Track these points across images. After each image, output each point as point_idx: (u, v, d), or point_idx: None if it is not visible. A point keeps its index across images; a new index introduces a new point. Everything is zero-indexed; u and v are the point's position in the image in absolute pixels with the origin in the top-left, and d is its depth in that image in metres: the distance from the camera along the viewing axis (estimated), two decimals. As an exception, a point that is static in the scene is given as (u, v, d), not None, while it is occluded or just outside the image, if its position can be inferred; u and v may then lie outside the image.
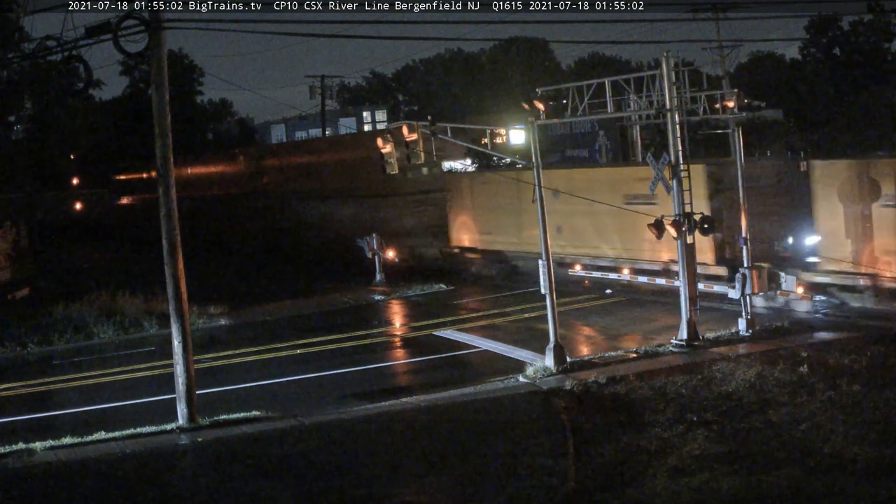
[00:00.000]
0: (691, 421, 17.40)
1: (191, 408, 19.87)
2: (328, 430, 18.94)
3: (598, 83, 25.26)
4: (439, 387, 21.67)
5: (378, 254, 37.32)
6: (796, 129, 54.12)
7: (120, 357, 27.79)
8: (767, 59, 77.00)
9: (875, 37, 57.89)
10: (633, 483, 14.96)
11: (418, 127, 24.33)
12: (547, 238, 22.94)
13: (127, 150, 74.50)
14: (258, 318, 32.65)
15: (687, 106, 25.22)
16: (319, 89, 67.73)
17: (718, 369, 20.54)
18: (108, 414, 21.47)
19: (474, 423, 18.68)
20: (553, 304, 22.54)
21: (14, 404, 23.38)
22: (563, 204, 29.36)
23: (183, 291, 20.17)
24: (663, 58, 23.52)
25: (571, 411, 18.98)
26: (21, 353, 29.16)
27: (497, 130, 27.38)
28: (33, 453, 18.47)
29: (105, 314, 31.81)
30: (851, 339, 22.50)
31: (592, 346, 24.85)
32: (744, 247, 24.20)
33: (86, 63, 20.52)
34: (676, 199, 23.22)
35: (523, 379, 21.76)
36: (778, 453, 15.54)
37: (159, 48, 19.66)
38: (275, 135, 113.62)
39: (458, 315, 30.52)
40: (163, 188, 20.03)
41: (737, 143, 24.99)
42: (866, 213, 24.71)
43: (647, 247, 29.02)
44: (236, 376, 24.45)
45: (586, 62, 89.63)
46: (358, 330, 29.22)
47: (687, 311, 23.32)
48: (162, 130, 19.96)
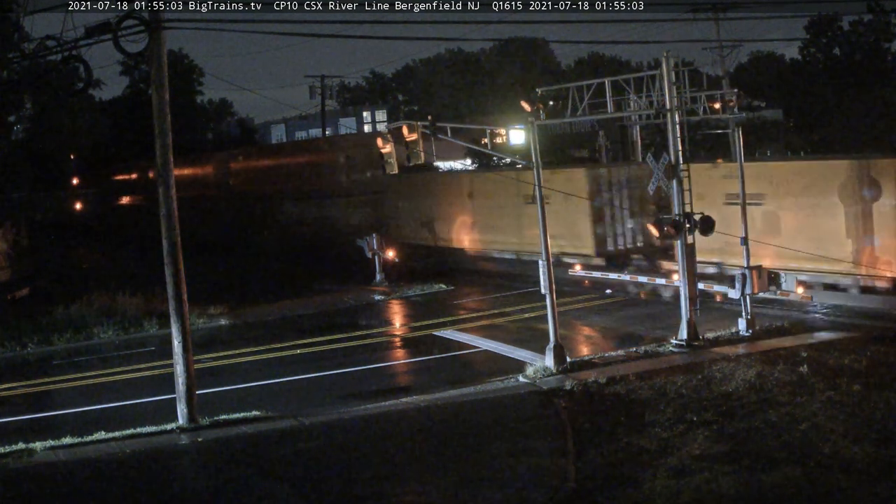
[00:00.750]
0: (691, 421, 17.41)
1: (191, 408, 19.87)
2: (328, 430, 18.95)
3: (598, 83, 25.26)
4: (439, 387, 21.68)
5: (378, 254, 37.31)
6: (796, 129, 54.19)
7: (120, 357, 27.80)
8: (767, 59, 76.98)
9: (875, 37, 57.89)
10: (633, 483, 14.96)
11: (418, 127, 24.35)
12: (547, 238, 22.95)
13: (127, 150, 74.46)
14: (258, 318, 32.65)
15: (687, 106, 25.24)
16: (319, 89, 67.69)
17: (718, 369, 20.54)
18: (108, 414, 21.47)
19: (474, 423, 18.68)
20: (553, 304, 22.54)
21: (14, 404, 23.39)
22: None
23: (183, 291, 20.16)
24: (663, 58, 23.51)
25: (571, 411, 18.99)
26: (21, 353, 29.17)
27: (497, 130, 27.42)
28: (33, 453, 18.47)
29: (105, 314, 31.82)
30: (851, 339, 22.51)
31: (592, 346, 24.86)
32: (744, 247, 24.20)
33: (86, 63, 20.52)
34: (676, 199, 23.23)
35: (523, 379, 21.76)
36: (778, 453, 15.54)
37: (159, 48, 19.65)
38: (275, 135, 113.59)
39: (458, 315, 30.53)
40: (163, 188, 20.02)
41: (737, 143, 24.99)
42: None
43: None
44: (236, 376, 24.46)
45: (586, 62, 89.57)
46: (358, 330, 29.24)
47: (687, 311, 23.33)
48: (162, 130, 19.95)
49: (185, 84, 77.23)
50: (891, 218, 24.02)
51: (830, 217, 25.10)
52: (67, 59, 20.43)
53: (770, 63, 75.28)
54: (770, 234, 25.93)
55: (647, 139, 39.56)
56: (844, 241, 24.89)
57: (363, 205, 46.18)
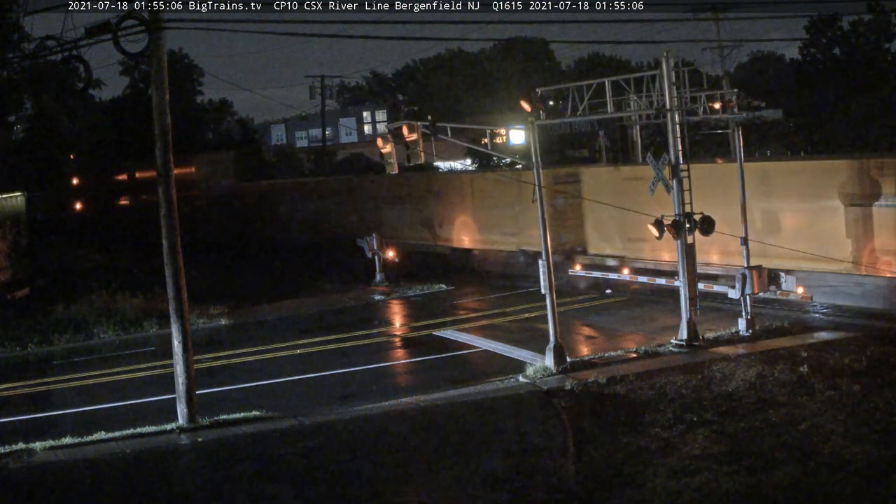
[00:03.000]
0: (691, 421, 17.41)
1: (191, 408, 19.87)
2: (328, 429, 18.94)
3: (598, 83, 25.25)
4: (439, 387, 21.67)
5: (378, 254, 37.27)
6: (796, 128, 54.17)
7: (120, 357, 27.77)
8: (767, 59, 77.06)
9: (875, 37, 57.90)
10: (633, 483, 14.96)
11: (418, 127, 24.37)
12: (547, 238, 22.95)
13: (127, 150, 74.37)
14: (258, 318, 32.65)
15: (687, 106, 25.22)
16: (319, 89, 67.72)
17: (718, 369, 20.54)
18: (108, 414, 21.46)
19: (474, 423, 18.68)
20: (553, 303, 22.53)
21: (14, 404, 23.37)
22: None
23: (183, 291, 20.17)
24: (663, 58, 23.51)
25: (571, 411, 18.98)
26: (21, 353, 29.15)
27: (497, 130, 27.42)
28: (33, 453, 18.46)
29: (105, 314, 31.78)
30: (851, 339, 22.49)
31: (592, 346, 24.86)
32: (744, 247, 24.19)
33: (86, 63, 20.52)
34: (676, 198, 23.23)
35: (523, 379, 21.75)
36: (778, 453, 15.54)
37: (159, 48, 19.65)
38: (275, 135, 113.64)
39: (458, 315, 30.52)
40: (163, 188, 20.01)
41: (737, 143, 24.99)
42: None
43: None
44: (236, 376, 24.45)
45: (586, 62, 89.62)
46: (358, 330, 29.22)
47: (687, 311, 23.32)
48: (162, 130, 19.95)
49: (184, 84, 77.20)
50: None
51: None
52: (67, 59, 20.43)
53: (770, 63, 75.37)
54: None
55: (647, 139, 39.54)
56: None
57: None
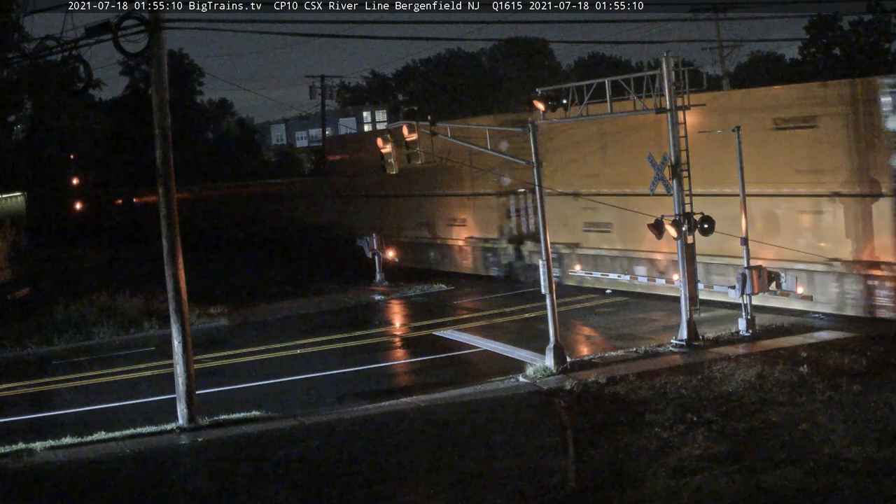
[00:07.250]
0: (691, 421, 17.40)
1: (191, 408, 19.88)
2: (328, 430, 18.95)
3: (598, 83, 25.23)
4: (439, 387, 21.68)
5: (378, 254, 37.29)
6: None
7: (120, 357, 27.78)
8: (767, 59, 77.06)
9: (875, 37, 57.92)
10: (633, 483, 14.96)
11: (418, 127, 24.34)
12: (547, 238, 22.94)
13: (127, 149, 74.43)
14: (258, 318, 32.65)
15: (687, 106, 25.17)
16: (319, 89, 67.69)
17: (718, 369, 20.54)
18: (108, 414, 21.47)
19: (474, 423, 18.68)
20: (553, 303, 22.53)
21: (14, 404, 23.39)
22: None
23: (183, 291, 20.17)
24: (663, 58, 23.50)
25: (571, 411, 18.98)
26: (21, 353, 29.16)
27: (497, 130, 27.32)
28: (33, 453, 18.47)
29: (105, 314, 31.82)
30: (851, 339, 22.50)
31: (592, 346, 24.86)
32: (743, 247, 24.19)
33: (86, 63, 20.50)
34: (676, 198, 23.23)
35: (523, 379, 21.76)
36: (778, 453, 15.54)
37: (159, 48, 19.66)
38: (275, 135, 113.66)
39: (458, 315, 30.53)
40: (163, 188, 20.02)
41: (737, 142, 24.96)
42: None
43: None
44: (236, 376, 24.46)
45: (586, 62, 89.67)
46: (358, 330, 29.23)
47: (687, 311, 23.32)
48: (162, 130, 19.96)
49: (184, 84, 77.24)
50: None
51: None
52: (67, 59, 20.40)
53: (770, 63, 75.37)
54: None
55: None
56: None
57: None
